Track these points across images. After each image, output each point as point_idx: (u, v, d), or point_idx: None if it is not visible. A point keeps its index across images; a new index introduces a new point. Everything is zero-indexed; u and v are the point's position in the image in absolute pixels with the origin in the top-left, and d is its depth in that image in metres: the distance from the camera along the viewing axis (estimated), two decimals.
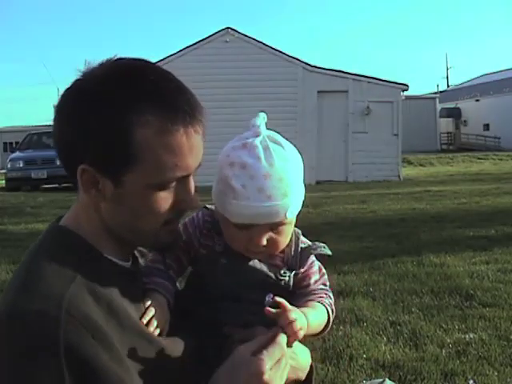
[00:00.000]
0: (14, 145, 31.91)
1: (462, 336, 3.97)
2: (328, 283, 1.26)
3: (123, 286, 1.04)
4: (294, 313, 1.06)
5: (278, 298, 1.06)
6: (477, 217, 9.35)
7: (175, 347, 1.07)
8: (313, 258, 1.24)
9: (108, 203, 1.03)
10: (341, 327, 4.13)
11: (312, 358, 1.24)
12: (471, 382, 3.26)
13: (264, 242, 1.14)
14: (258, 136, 1.15)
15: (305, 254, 1.22)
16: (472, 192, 13.32)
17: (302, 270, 1.22)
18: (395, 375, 3.30)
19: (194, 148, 1.03)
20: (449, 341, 3.87)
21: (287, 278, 1.20)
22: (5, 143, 42.72)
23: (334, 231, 8.28)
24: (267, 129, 1.17)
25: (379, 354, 3.65)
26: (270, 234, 1.15)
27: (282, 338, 1.04)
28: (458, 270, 5.78)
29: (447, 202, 11.81)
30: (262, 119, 1.17)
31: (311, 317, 1.14)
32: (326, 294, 1.24)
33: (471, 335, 3.97)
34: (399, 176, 18.76)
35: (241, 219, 1.12)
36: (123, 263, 1.09)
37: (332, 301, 1.24)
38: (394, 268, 5.90)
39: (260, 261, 1.19)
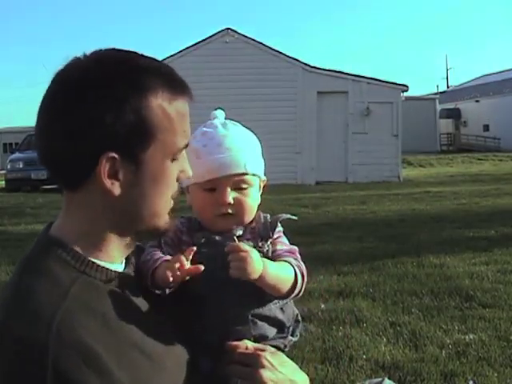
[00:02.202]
0: (13, 146, 31.88)
1: (462, 337, 3.97)
2: (298, 256, 1.27)
3: (118, 292, 1.02)
4: (250, 248, 1.12)
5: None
6: (476, 217, 9.37)
7: (171, 358, 1.05)
8: (280, 232, 1.28)
9: (125, 191, 1.00)
10: (341, 328, 4.13)
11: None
12: (471, 382, 3.26)
13: (230, 198, 1.21)
14: (216, 119, 1.30)
15: (273, 223, 1.26)
16: (472, 193, 13.34)
17: (273, 238, 1.25)
18: (395, 376, 3.30)
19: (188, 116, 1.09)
20: (449, 341, 3.87)
21: (266, 248, 1.23)
22: (4, 144, 42.68)
23: (334, 232, 8.29)
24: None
25: (379, 355, 3.65)
26: (235, 193, 1.22)
27: None
28: (457, 270, 5.79)
29: (447, 202, 11.83)
30: (219, 112, 1.30)
31: (271, 264, 1.16)
32: (294, 259, 1.24)
33: (471, 336, 3.97)
34: (399, 177, 18.75)
35: (206, 175, 1.21)
36: (117, 267, 1.06)
37: (302, 265, 1.24)
38: (394, 269, 5.90)
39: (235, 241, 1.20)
